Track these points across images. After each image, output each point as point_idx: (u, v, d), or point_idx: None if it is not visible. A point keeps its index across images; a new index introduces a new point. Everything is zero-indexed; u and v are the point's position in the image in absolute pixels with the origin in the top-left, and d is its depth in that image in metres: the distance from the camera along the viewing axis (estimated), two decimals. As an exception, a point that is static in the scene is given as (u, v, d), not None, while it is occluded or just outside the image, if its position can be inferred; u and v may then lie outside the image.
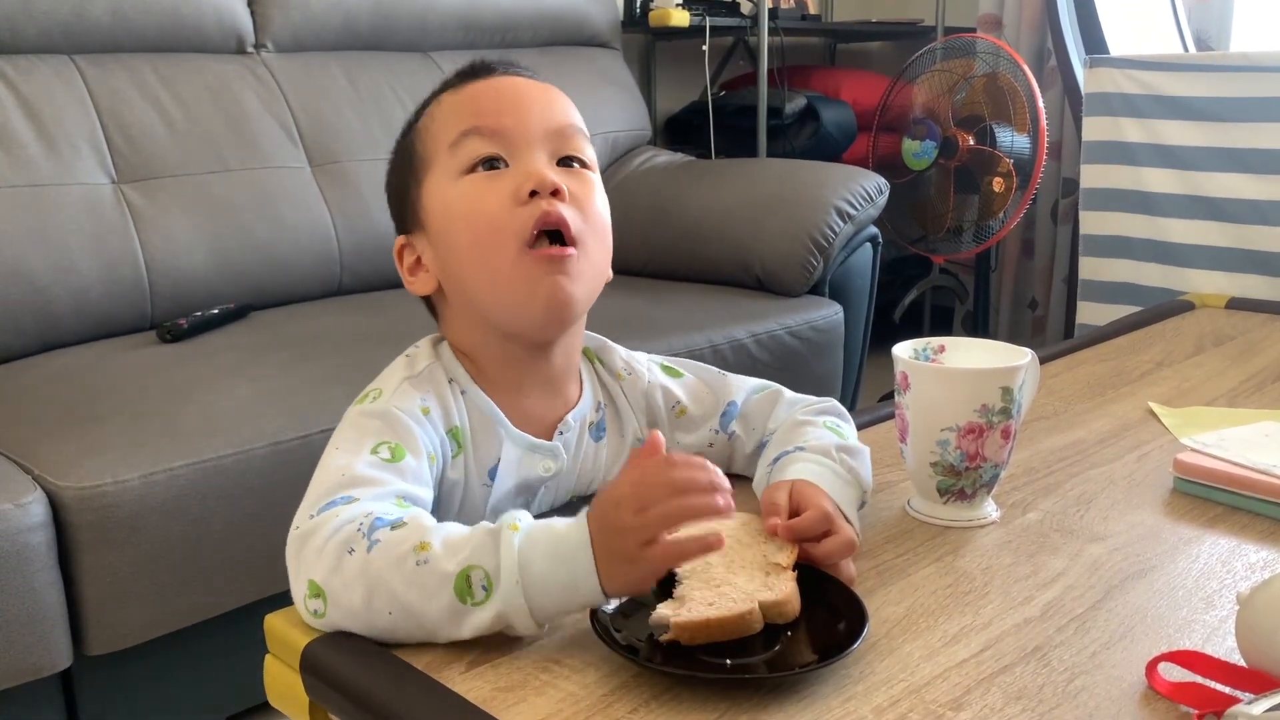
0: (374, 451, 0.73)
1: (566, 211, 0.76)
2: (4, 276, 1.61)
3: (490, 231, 0.76)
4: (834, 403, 0.89)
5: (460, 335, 0.83)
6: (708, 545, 0.62)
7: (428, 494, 0.75)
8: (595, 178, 0.81)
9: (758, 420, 0.89)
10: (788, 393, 0.90)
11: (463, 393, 0.80)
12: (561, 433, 0.84)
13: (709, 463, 0.64)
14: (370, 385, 0.80)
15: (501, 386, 0.82)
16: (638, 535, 0.62)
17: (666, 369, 0.91)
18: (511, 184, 0.76)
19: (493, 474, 0.81)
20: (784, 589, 0.66)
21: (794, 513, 0.73)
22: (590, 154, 0.82)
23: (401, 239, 0.84)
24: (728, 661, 0.62)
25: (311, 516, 0.68)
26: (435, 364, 0.81)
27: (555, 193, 0.76)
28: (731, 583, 0.67)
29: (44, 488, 1.21)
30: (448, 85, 0.83)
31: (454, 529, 0.66)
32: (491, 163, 0.77)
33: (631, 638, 0.64)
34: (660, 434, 0.67)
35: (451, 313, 0.83)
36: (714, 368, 0.93)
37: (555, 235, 0.76)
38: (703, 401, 0.90)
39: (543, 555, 0.63)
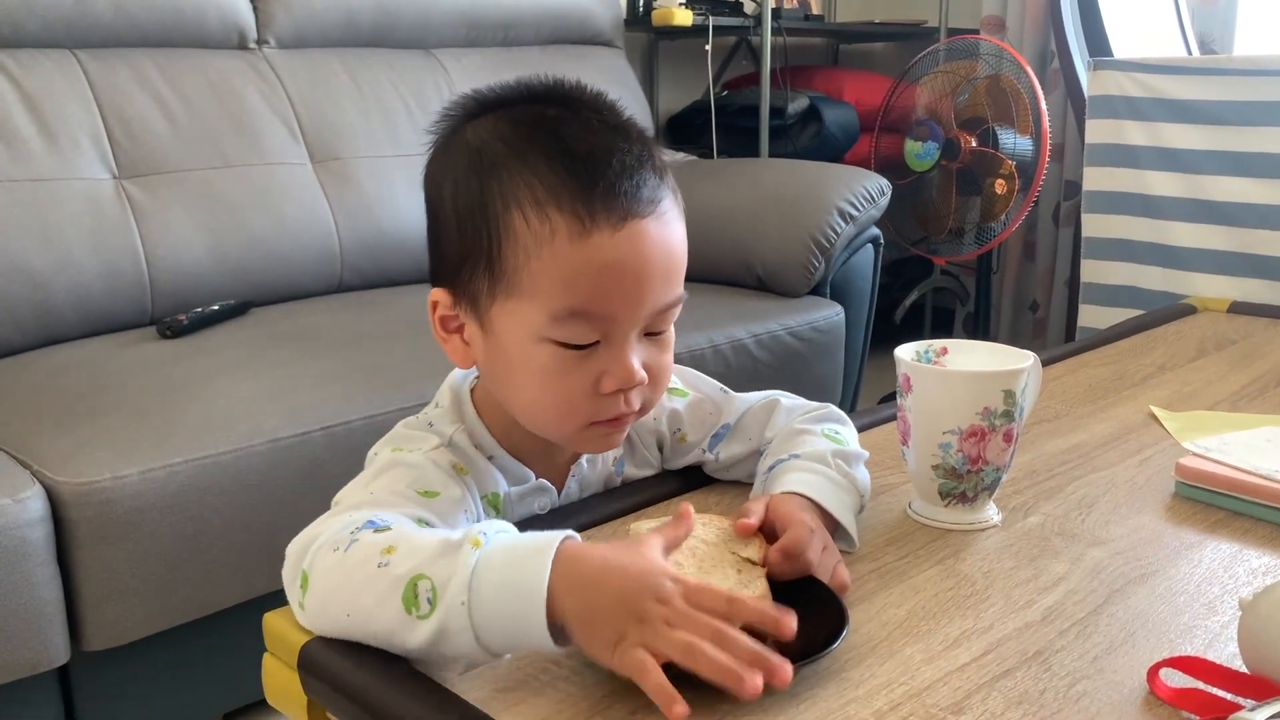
0: (408, 485, 0.71)
1: (638, 397, 0.73)
2: (4, 271, 1.61)
3: (561, 408, 0.72)
4: (832, 408, 0.88)
5: (491, 396, 0.78)
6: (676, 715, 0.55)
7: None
8: (672, 334, 0.75)
9: (754, 430, 0.87)
10: (786, 400, 0.88)
11: (490, 458, 0.78)
12: (574, 475, 0.83)
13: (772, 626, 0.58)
14: (398, 438, 0.77)
15: (527, 444, 0.79)
16: (636, 633, 0.57)
17: (672, 389, 0.87)
18: (596, 372, 0.70)
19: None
20: (759, 586, 0.66)
21: (770, 534, 0.72)
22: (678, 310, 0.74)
23: (440, 298, 0.74)
24: None
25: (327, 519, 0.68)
26: (459, 429, 0.77)
27: None
28: (707, 583, 0.66)
29: (43, 483, 1.21)
30: (561, 189, 0.67)
31: (425, 533, 0.63)
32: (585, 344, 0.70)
33: None
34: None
35: (485, 381, 0.78)
36: (717, 383, 0.90)
37: None
38: (703, 424, 0.88)
39: (495, 582, 0.58)
